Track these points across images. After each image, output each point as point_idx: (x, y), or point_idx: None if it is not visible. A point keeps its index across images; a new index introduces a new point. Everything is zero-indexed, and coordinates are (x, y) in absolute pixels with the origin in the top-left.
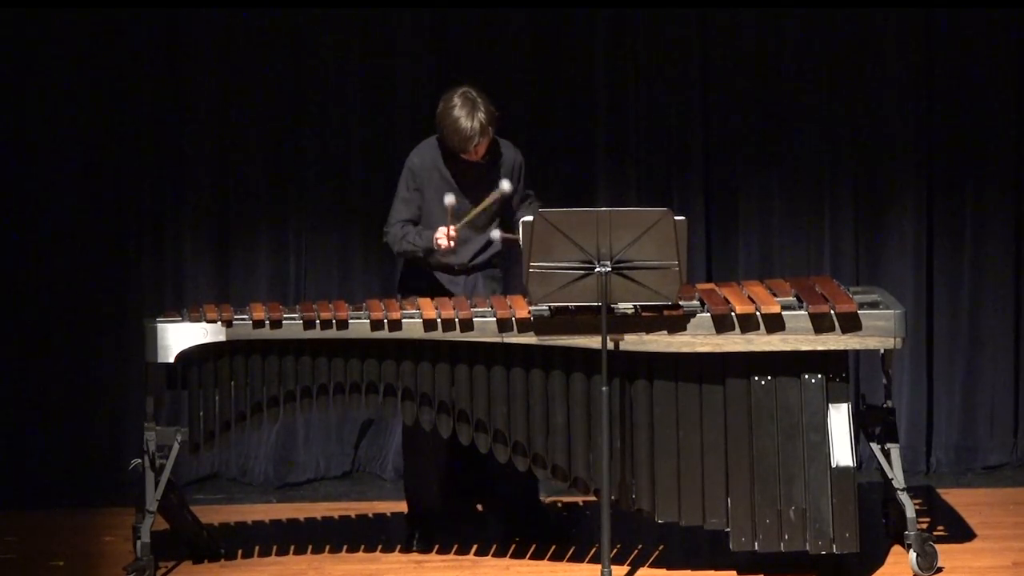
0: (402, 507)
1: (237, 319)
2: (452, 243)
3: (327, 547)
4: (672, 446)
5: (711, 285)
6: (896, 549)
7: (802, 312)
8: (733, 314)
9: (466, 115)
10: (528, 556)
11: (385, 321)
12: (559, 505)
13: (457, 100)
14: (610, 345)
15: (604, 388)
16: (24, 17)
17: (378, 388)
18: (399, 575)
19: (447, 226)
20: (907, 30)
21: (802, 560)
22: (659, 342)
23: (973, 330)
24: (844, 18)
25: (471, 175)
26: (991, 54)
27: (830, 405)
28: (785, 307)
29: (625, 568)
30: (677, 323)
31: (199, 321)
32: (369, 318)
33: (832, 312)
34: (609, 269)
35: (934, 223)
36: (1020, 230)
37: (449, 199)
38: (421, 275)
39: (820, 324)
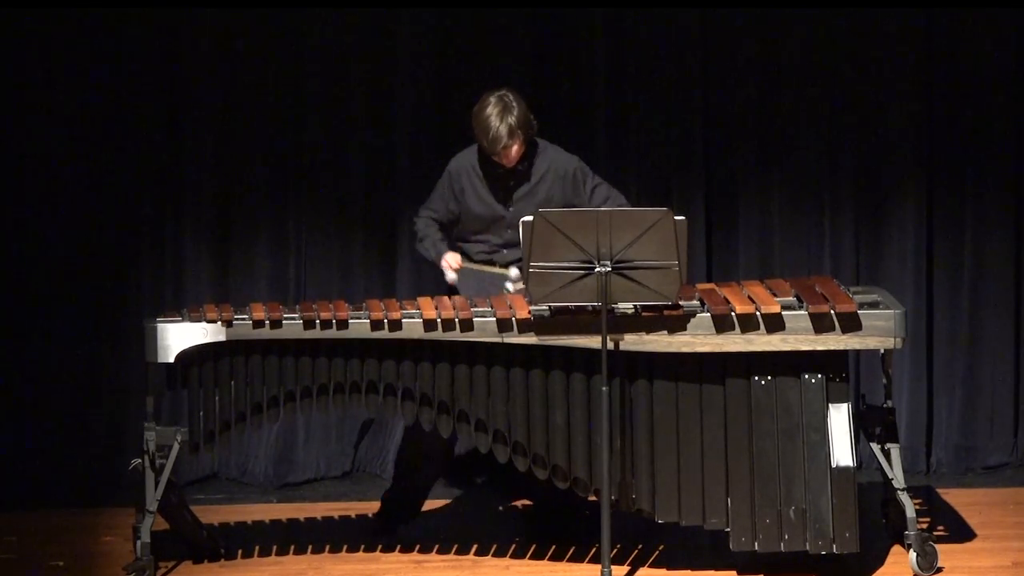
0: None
1: (237, 319)
2: (452, 272)
3: (327, 547)
4: (672, 446)
5: (711, 285)
6: (896, 549)
7: (802, 312)
8: (733, 314)
9: (496, 115)
10: (528, 556)
11: (385, 321)
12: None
13: (491, 100)
14: (610, 345)
15: (604, 388)
16: (24, 17)
17: (378, 388)
18: (399, 575)
19: (461, 260)
20: (907, 30)
21: (802, 560)
22: (659, 342)
23: (973, 330)
24: (844, 18)
25: (505, 180)
26: (991, 54)
27: (830, 405)
28: (785, 307)
29: (625, 568)
30: (677, 323)
31: (199, 321)
32: (369, 318)
33: (832, 312)
34: (609, 269)
35: (934, 223)
36: (1020, 230)
37: (513, 273)
38: (468, 272)
39: (820, 324)
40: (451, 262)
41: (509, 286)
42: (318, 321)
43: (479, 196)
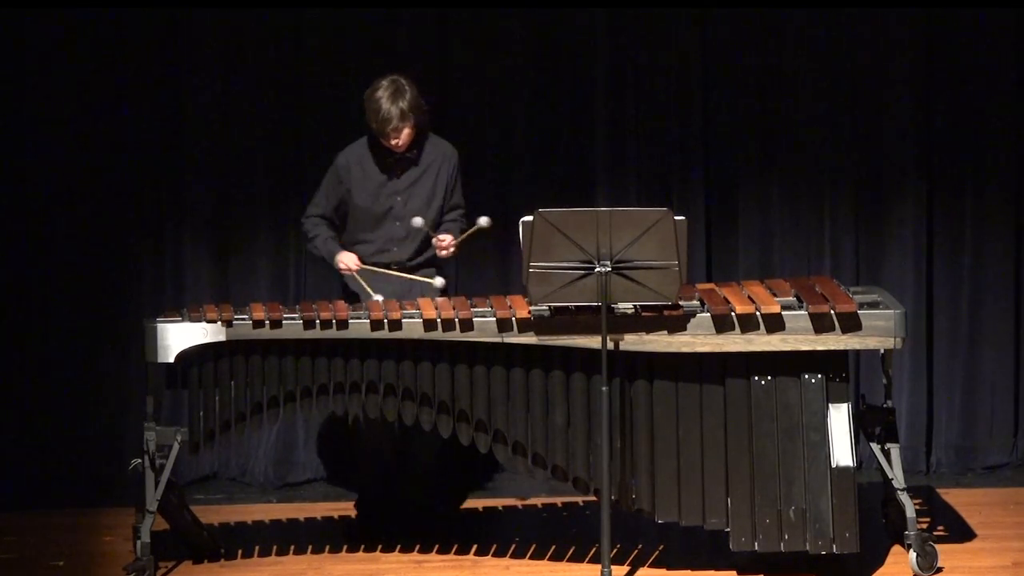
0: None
1: (237, 319)
2: (350, 271)
3: (327, 547)
4: (672, 446)
5: (711, 285)
6: (896, 549)
7: (802, 312)
8: (733, 314)
9: (388, 97)
10: (528, 556)
11: (385, 321)
12: (559, 505)
13: (384, 83)
14: (610, 345)
15: (604, 388)
16: (24, 17)
17: (378, 388)
18: (399, 575)
19: (359, 264)
20: (907, 30)
21: (802, 560)
22: (659, 342)
23: (973, 330)
24: (844, 18)
25: (393, 170)
26: (991, 54)
27: (830, 405)
28: (785, 307)
29: (625, 568)
30: (677, 323)
31: (199, 321)
32: (369, 318)
33: (832, 312)
34: (609, 269)
35: (934, 223)
36: (1020, 230)
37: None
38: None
39: (820, 324)
40: (348, 263)
41: (439, 281)
42: (318, 321)
43: (367, 187)
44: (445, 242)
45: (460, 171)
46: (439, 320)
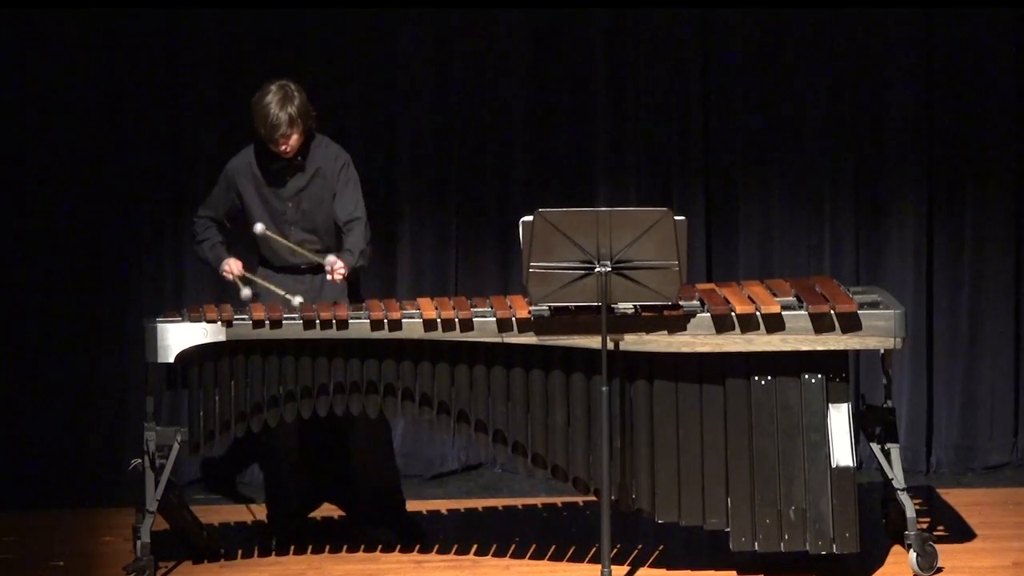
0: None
1: (237, 319)
2: (231, 277)
3: (327, 547)
4: (672, 446)
5: (711, 285)
6: (896, 549)
7: (802, 312)
8: (733, 314)
9: (276, 103)
10: (528, 556)
11: (385, 321)
12: (559, 505)
13: (272, 88)
14: (610, 345)
15: (604, 388)
16: (24, 17)
17: (378, 388)
18: (399, 575)
19: (243, 268)
20: (907, 30)
21: (802, 560)
22: (659, 342)
23: (973, 330)
24: (844, 18)
25: (283, 176)
26: (991, 54)
27: (830, 405)
28: (785, 307)
29: (625, 568)
30: (677, 323)
31: (199, 321)
32: (369, 318)
33: (832, 312)
34: (609, 269)
35: (934, 223)
36: (1020, 230)
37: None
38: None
39: (820, 324)
40: (233, 268)
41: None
42: (318, 321)
43: (258, 194)
44: (336, 266)
45: (350, 176)
46: (439, 320)
